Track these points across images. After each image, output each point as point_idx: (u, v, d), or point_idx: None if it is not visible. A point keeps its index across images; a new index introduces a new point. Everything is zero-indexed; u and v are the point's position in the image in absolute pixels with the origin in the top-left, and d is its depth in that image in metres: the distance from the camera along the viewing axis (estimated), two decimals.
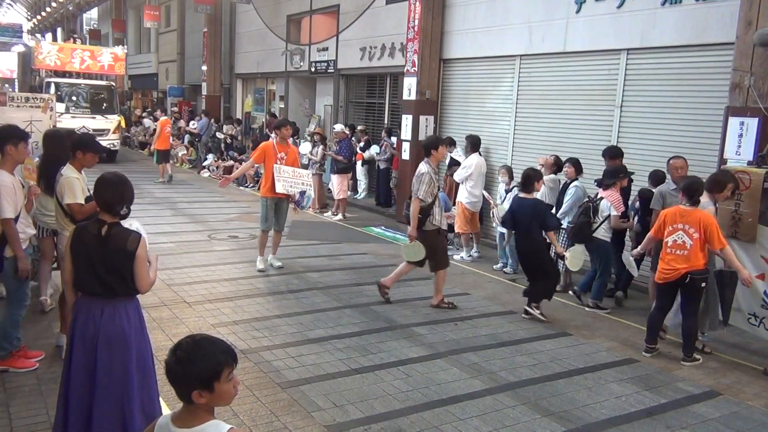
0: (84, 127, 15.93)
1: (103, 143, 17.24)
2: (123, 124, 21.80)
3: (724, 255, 5.45)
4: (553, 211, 7.71)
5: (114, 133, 18.80)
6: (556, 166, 8.17)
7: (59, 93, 17.87)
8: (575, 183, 7.58)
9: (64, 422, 3.33)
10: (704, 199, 5.63)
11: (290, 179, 7.82)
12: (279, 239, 8.22)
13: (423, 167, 6.66)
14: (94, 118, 18.37)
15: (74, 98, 18.61)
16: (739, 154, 6.53)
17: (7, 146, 4.46)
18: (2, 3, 45.00)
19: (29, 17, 44.69)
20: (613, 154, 7.45)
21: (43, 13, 38.32)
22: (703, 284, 5.59)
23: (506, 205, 8.49)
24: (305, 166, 13.25)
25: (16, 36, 36.65)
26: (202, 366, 1.98)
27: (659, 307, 5.85)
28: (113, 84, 20.36)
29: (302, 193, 7.83)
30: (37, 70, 20.64)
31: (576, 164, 7.64)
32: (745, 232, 6.01)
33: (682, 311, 5.72)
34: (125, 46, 21.34)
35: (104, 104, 19.20)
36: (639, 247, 6.14)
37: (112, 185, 3.38)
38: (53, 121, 7.22)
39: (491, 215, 8.43)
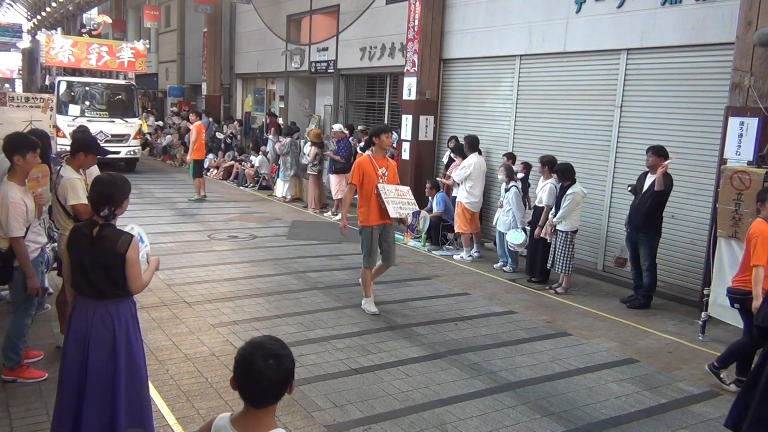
0: (101, 131, 14.46)
1: (123, 150, 16.18)
2: (144, 128, 20.21)
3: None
4: (552, 213, 7.70)
5: (135, 138, 16.70)
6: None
7: (73, 94, 16.39)
8: (573, 188, 7.52)
9: (58, 422, 3.32)
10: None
11: (397, 199, 6.51)
12: (385, 271, 6.95)
13: None
14: (113, 121, 16.30)
15: (88, 97, 16.77)
16: (739, 154, 6.53)
17: (14, 157, 4.33)
18: (2, 3, 44.98)
19: (29, 17, 44.67)
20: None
21: (43, 13, 38.28)
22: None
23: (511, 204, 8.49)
24: (305, 167, 13.30)
25: (16, 36, 36.61)
26: (290, 357, 1.97)
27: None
28: (133, 83, 18.06)
29: (416, 214, 6.55)
30: (47, 68, 18.53)
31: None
32: (746, 231, 6.02)
33: None
34: (147, 41, 19.82)
35: (123, 106, 17.07)
36: None
37: (101, 185, 3.34)
38: (53, 122, 7.18)
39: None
